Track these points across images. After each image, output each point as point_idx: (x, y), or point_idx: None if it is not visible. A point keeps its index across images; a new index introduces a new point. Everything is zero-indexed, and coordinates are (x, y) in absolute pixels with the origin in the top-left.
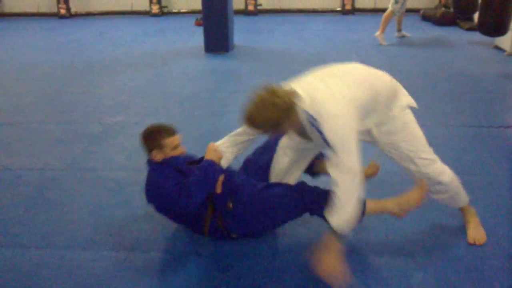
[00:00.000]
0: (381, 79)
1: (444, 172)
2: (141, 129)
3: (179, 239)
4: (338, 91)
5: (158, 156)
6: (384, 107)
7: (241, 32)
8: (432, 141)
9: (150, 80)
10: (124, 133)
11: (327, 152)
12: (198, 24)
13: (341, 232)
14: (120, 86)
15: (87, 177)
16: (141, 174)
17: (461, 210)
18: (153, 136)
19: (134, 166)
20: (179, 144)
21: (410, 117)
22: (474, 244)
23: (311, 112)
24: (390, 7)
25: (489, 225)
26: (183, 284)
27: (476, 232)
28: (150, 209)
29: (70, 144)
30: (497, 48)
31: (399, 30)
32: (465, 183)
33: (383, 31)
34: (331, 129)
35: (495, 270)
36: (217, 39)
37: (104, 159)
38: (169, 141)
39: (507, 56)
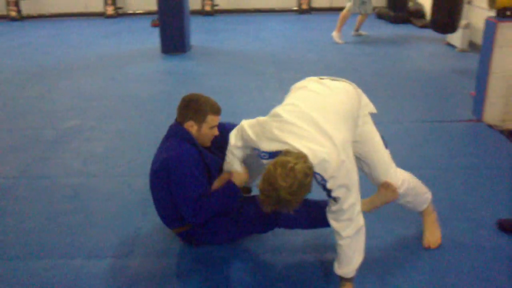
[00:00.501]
0: (354, 99)
1: (402, 182)
2: (98, 133)
3: (136, 244)
4: (336, 139)
5: (193, 128)
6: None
7: (199, 33)
8: (387, 138)
9: (106, 83)
10: (79, 138)
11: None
12: (154, 25)
13: (351, 277)
14: (75, 90)
15: (42, 184)
16: (97, 179)
17: (423, 214)
18: (199, 106)
19: (90, 172)
20: (216, 125)
21: (371, 126)
22: (429, 248)
23: (320, 172)
24: (346, 7)
25: (443, 217)
26: None
27: (431, 235)
28: (108, 214)
29: (23, 150)
30: (449, 44)
31: (357, 29)
32: (420, 177)
33: (339, 30)
34: (336, 185)
35: (454, 262)
36: (174, 40)
37: (59, 165)
38: (212, 118)
39: (459, 53)
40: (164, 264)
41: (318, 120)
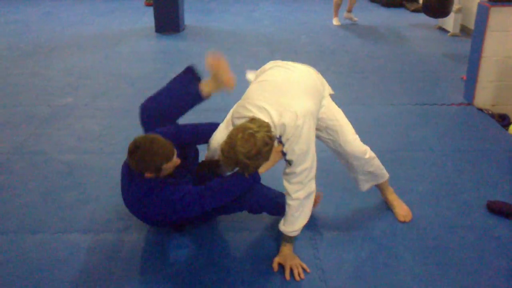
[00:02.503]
0: (317, 79)
1: (366, 150)
2: (91, 111)
3: (132, 219)
4: (301, 108)
5: (153, 175)
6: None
7: (192, 13)
8: (380, 119)
9: (99, 61)
10: (73, 115)
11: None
12: (148, 4)
13: (294, 236)
14: (68, 67)
15: (37, 160)
16: (92, 156)
17: (381, 188)
18: (150, 160)
19: (84, 148)
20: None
21: (334, 104)
22: (404, 222)
23: (281, 136)
24: None
25: (434, 198)
26: (137, 264)
27: (402, 210)
28: (103, 190)
29: (17, 127)
30: (441, 29)
31: (350, 10)
32: (411, 159)
33: (336, 15)
34: (291, 148)
35: (444, 241)
36: (168, 20)
37: (53, 141)
38: (168, 166)
39: (450, 37)
40: (160, 239)
41: (282, 89)
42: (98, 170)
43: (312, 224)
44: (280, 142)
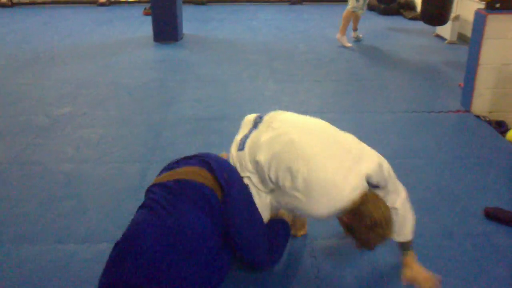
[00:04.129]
0: None
1: None
2: (90, 120)
3: None
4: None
5: None
6: None
7: (191, 22)
8: (378, 126)
9: (98, 70)
10: (71, 125)
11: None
12: (146, 14)
13: (411, 240)
14: (67, 77)
15: (35, 170)
16: (90, 165)
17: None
18: None
19: (82, 158)
20: None
21: None
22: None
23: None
24: (349, 6)
25: (432, 205)
26: None
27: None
28: (101, 200)
29: (15, 136)
30: (438, 36)
31: (355, 29)
32: (409, 166)
33: (344, 32)
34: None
35: (442, 248)
36: (166, 29)
37: (51, 151)
38: None
39: (448, 44)
40: None
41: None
42: (96, 179)
43: (311, 231)
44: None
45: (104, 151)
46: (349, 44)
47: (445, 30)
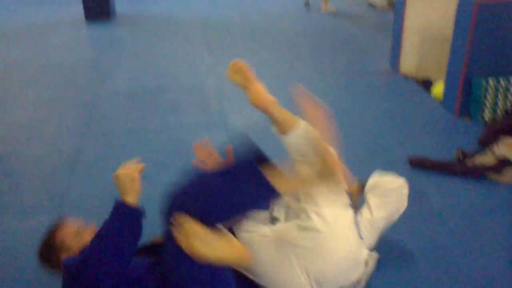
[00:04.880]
0: None
1: None
2: (21, 102)
3: (66, 204)
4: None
5: (69, 254)
6: None
7: None
8: (311, 90)
9: (28, 52)
10: (2, 106)
11: None
12: None
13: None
14: None
15: None
16: (24, 146)
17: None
18: (51, 250)
19: (15, 139)
20: (79, 228)
21: None
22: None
23: None
24: None
25: (361, 159)
26: None
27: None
28: (36, 177)
29: None
30: (370, 5)
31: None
32: (339, 125)
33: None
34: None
35: None
36: (98, 7)
37: None
38: (66, 235)
39: (380, 12)
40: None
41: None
42: (30, 158)
43: None
44: None
45: (38, 132)
46: (333, 8)
47: None
